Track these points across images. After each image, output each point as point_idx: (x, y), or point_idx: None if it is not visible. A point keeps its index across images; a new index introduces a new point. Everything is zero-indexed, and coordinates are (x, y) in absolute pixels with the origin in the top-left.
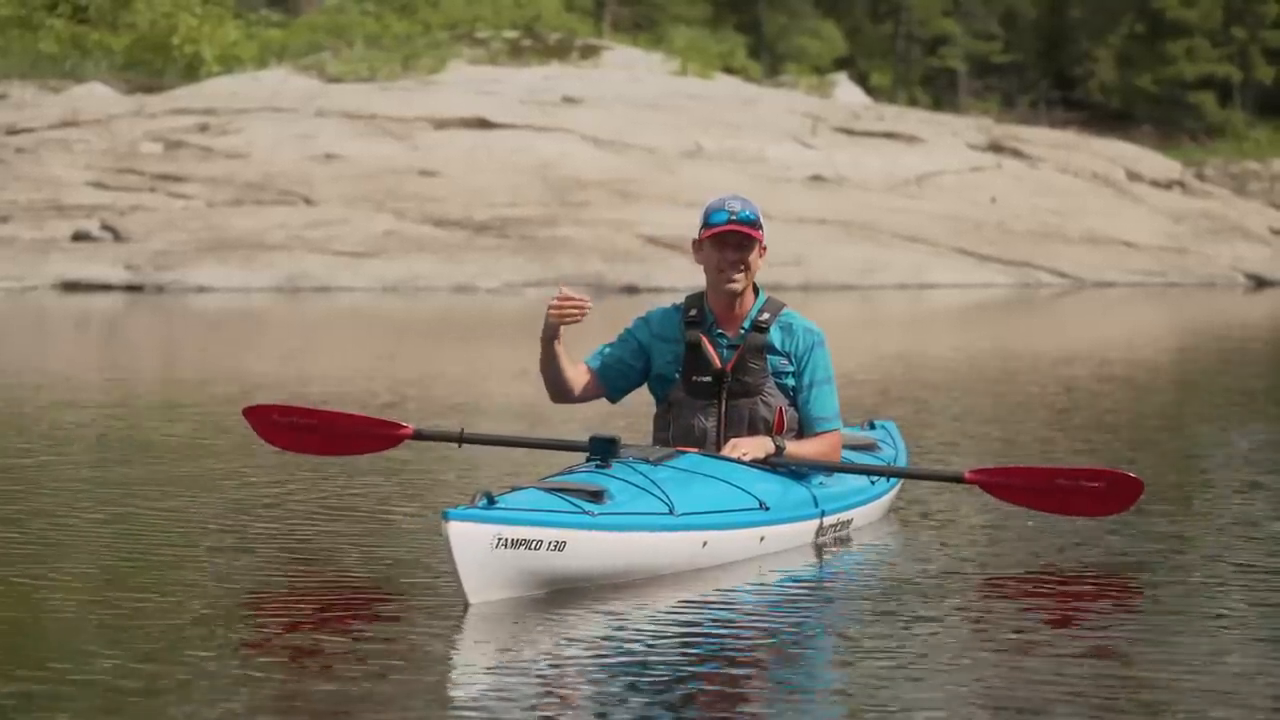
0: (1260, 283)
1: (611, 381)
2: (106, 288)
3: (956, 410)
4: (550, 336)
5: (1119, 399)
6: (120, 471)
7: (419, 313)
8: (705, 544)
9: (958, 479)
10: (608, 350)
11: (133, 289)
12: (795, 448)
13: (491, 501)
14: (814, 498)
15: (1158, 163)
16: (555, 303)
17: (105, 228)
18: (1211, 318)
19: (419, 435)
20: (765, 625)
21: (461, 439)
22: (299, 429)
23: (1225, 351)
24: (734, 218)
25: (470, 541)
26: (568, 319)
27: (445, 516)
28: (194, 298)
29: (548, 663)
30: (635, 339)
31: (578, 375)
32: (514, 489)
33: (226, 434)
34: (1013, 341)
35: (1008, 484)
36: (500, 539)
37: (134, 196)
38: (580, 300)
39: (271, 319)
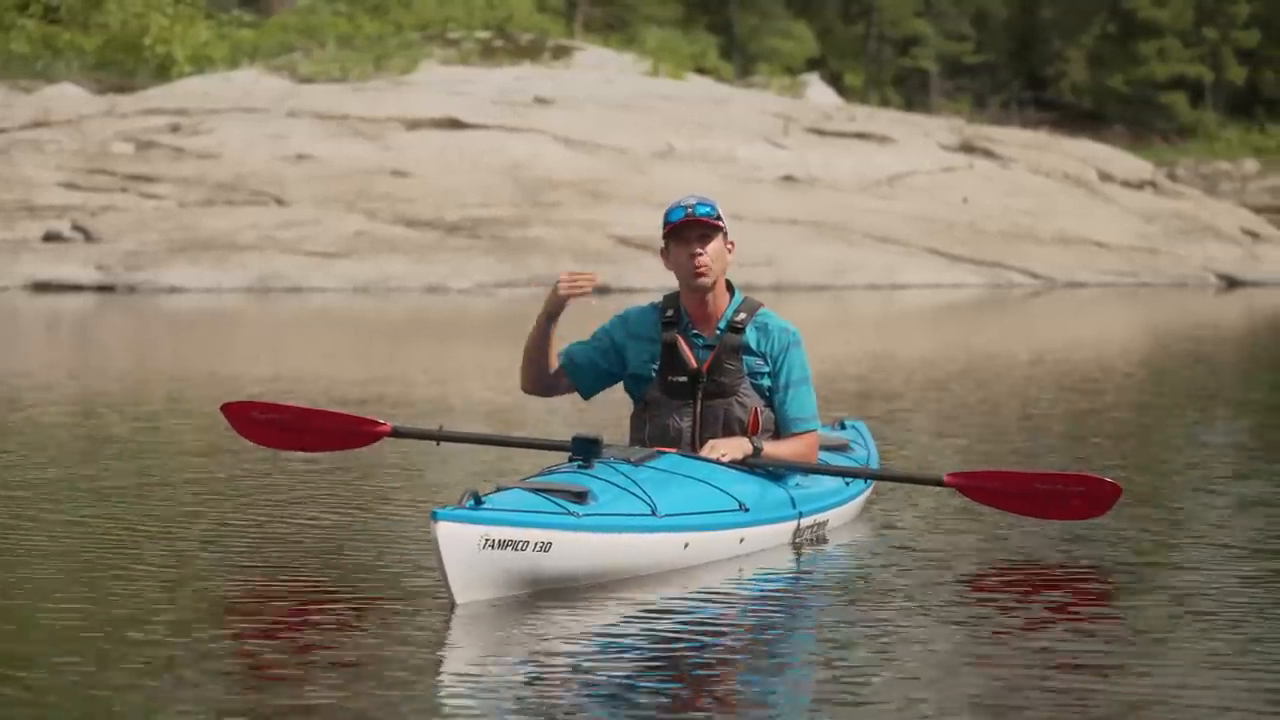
0: (1231, 283)
1: (580, 380)
2: (78, 288)
3: (928, 411)
4: (553, 313)
5: (1090, 399)
6: (92, 472)
7: (390, 313)
8: (687, 545)
9: (937, 482)
10: (577, 349)
11: (104, 289)
12: (772, 448)
13: (478, 502)
14: (792, 499)
15: (1129, 163)
16: (566, 277)
17: (76, 228)
18: (1183, 318)
19: (397, 433)
20: (747, 626)
21: (440, 437)
22: (277, 426)
23: (1197, 352)
24: (690, 212)
25: (458, 542)
26: (578, 292)
27: (434, 517)
28: (165, 298)
29: (535, 663)
30: (610, 339)
31: (556, 364)
32: (498, 489)
33: (202, 434)
34: (984, 342)
35: (986, 488)
36: (487, 539)
37: (105, 197)
38: (590, 275)
39: (243, 319)
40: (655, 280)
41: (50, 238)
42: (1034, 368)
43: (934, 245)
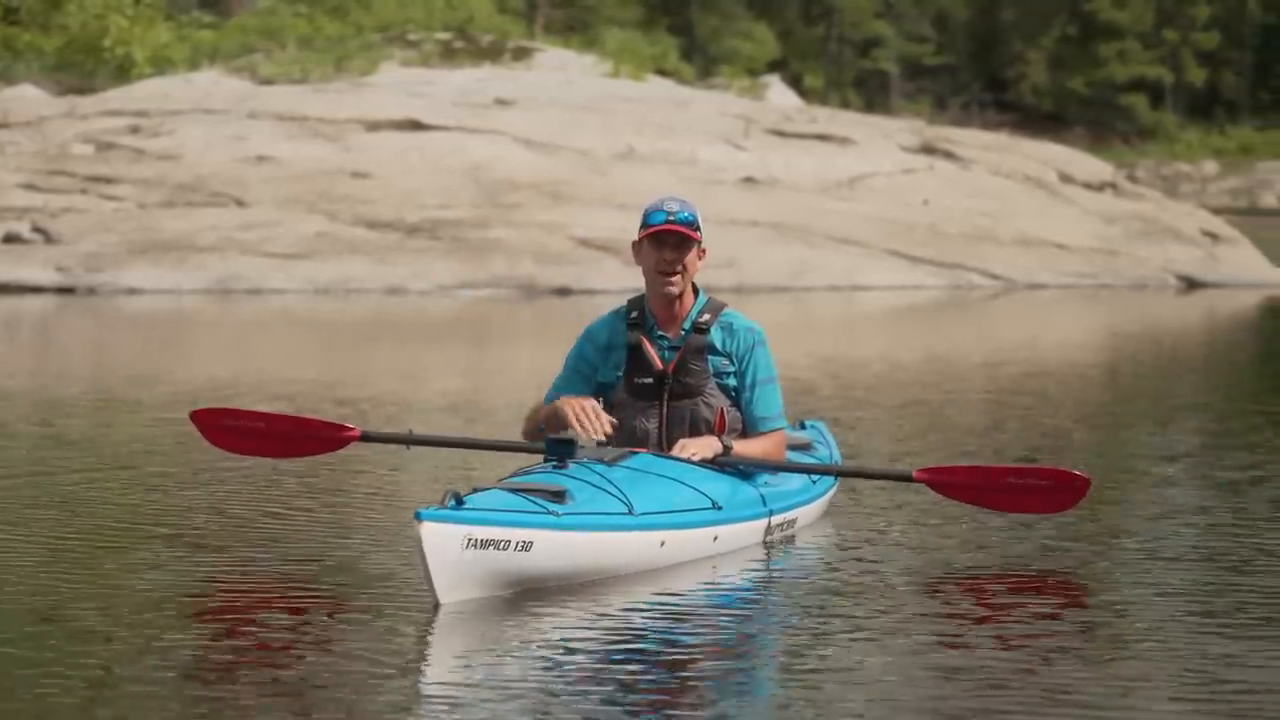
0: (1191, 284)
1: None
2: (38, 290)
3: (889, 410)
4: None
5: (1052, 399)
6: (54, 475)
7: (351, 314)
8: (663, 543)
9: (906, 478)
10: (564, 388)
11: (64, 291)
12: (742, 447)
13: (460, 502)
14: (762, 497)
15: (1089, 165)
16: (586, 423)
17: (36, 229)
18: (1143, 319)
19: (366, 437)
20: (723, 624)
21: (410, 441)
22: (246, 433)
23: (1157, 352)
24: (672, 218)
25: (442, 542)
26: (587, 429)
27: (418, 517)
28: (125, 299)
29: (519, 662)
30: (585, 361)
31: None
32: (476, 489)
33: (169, 436)
34: (945, 342)
35: (955, 483)
36: (470, 539)
37: (65, 198)
38: (606, 423)
39: (204, 321)
40: (616, 282)
41: (10, 239)
42: (996, 368)
43: (894, 247)
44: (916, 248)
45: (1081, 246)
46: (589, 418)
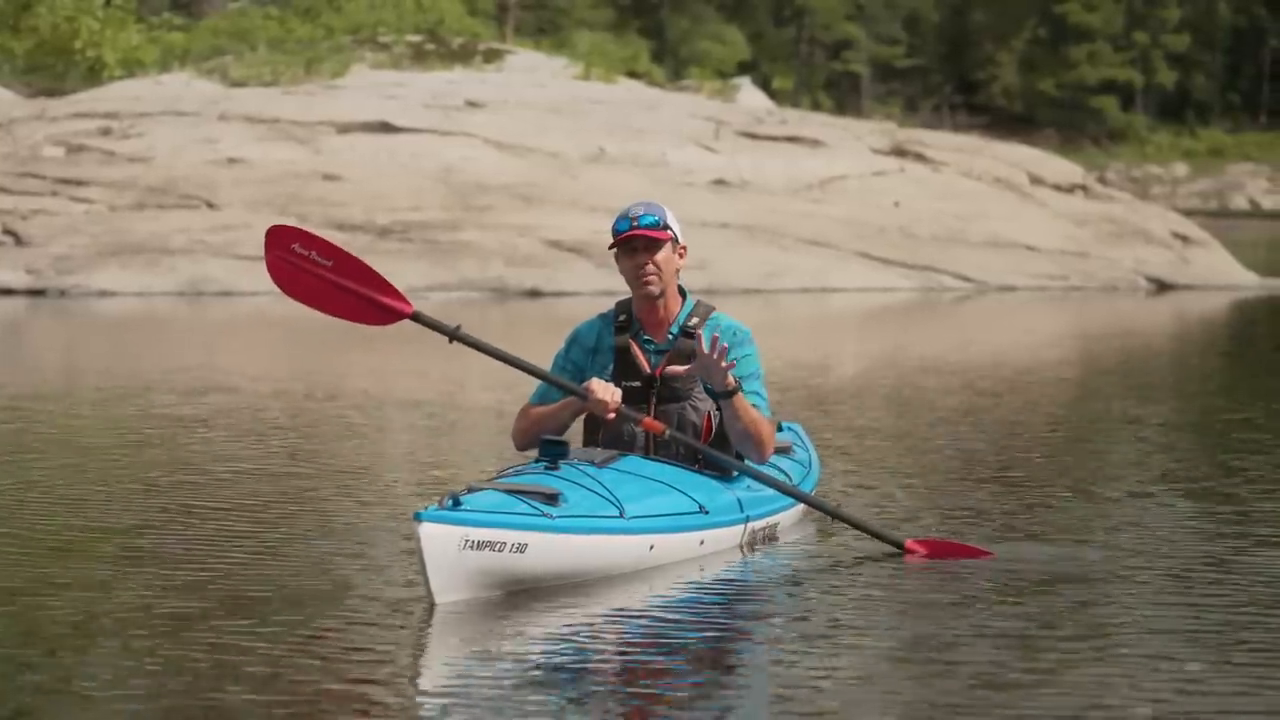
0: (1162, 286)
1: None
2: (8, 292)
3: (861, 412)
4: (580, 412)
5: (1023, 400)
6: (28, 477)
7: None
8: (652, 547)
9: (898, 545)
10: (549, 394)
11: (34, 294)
12: (747, 404)
13: (457, 503)
14: (746, 501)
15: (1060, 167)
16: (610, 403)
17: (7, 232)
18: (1113, 321)
19: (417, 318)
20: (710, 626)
21: (455, 336)
22: (310, 272)
23: (1126, 354)
24: (635, 223)
25: (440, 542)
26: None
27: (417, 518)
28: (96, 302)
29: (513, 662)
30: (572, 364)
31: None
32: (470, 489)
33: (139, 436)
34: (916, 344)
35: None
36: (467, 540)
37: (35, 201)
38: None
39: (175, 323)
40: (588, 284)
41: None
42: (967, 370)
43: (865, 249)
44: (887, 250)
45: (1052, 249)
46: (604, 388)
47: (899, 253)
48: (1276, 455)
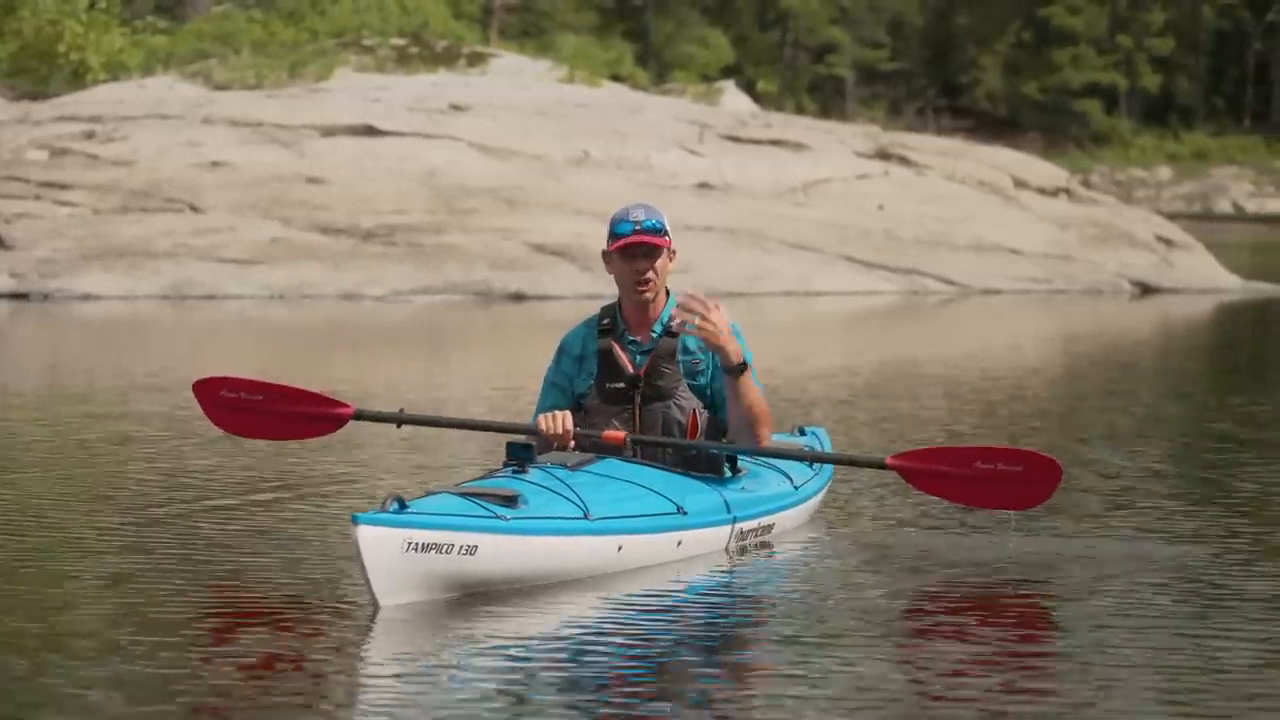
0: (1145, 289)
1: None
2: None
3: (849, 414)
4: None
5: (1009, 404)
6: (21, 477)
7: (306, 320)
8: (620, 548)
9: (879, 465)
10: (541, 408)
11: (18, 297)
12: (752, 385)
13: (403, 506)
14: (734, 502)
15: (1044, 170)
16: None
17: None
18: (1097, 324)
19: (360, 416)
20: (674, 627)
21: (402, 420)
22: (244, 409)
23: (1111, 357)
24: (638, 228)
25: (380, 545)
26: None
27: (354, 521)
28: (80, 305)
29: (456, 667)
30: (564, 375)
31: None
32: (427, 494)
33: (122, 441)
34: (901, 348)
35: (928, 470)
36: (410, 543)
37: (19, 204)
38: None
39: (159, 327)
40: (572, 287)
41: None
42: (952, 372)
43: (849, 252)
44: (871, 253)
45: (1036, 252)
46: (552, 420)
47: (883, 256)
48: (1259, 457)
